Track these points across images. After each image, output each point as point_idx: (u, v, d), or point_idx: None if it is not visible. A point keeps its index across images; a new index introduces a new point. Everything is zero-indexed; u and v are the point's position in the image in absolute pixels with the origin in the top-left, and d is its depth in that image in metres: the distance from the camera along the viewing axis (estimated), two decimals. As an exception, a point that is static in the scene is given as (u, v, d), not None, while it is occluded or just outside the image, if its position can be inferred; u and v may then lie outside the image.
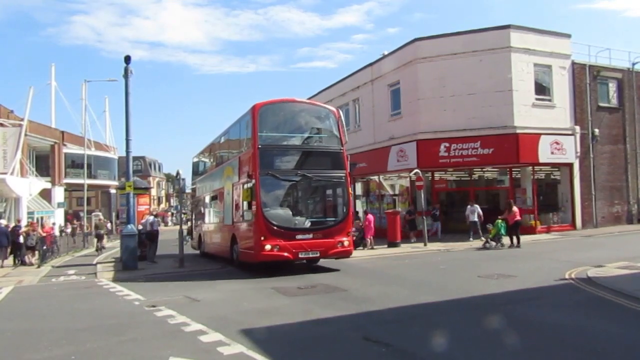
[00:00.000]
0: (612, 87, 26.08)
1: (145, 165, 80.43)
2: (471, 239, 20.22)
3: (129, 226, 16.75)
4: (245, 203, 13.58)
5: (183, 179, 18.24)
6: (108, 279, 14.12)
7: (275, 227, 12.75)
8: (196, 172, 23.79)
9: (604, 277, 10.47)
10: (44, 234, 21.11)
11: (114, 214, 46.01)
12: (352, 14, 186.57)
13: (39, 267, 18.46)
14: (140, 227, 18.91)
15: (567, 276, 10.98)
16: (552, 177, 25.12)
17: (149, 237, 18.59)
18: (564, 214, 24.27)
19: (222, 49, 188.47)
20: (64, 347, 6.81)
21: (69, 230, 32.39)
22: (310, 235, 13.02)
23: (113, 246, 27.81)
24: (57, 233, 25.84)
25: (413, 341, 6.56)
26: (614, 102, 26.03)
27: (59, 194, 37.84)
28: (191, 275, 14.61)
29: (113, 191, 46.17)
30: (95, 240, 25.14)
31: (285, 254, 12.70)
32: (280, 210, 13.41)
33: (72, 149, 40.41)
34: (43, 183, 34.49)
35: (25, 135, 31.15)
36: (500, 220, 18.19)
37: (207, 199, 19.90)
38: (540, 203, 23.40)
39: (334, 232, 13.38)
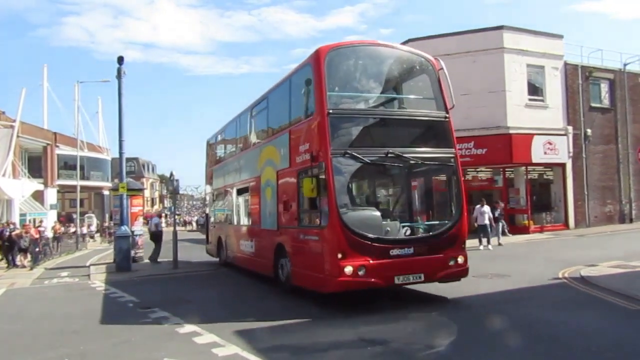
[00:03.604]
0: (604, 87, 26.28)
1: (139, 167, 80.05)
2: (481, 246, 17.46)
3: (123, 228, 16.66)
4: (304, 200, 9.24)
5: (177, 180, 17.85)
6: (101, 280, 14.03)
7: (359, 238, 8.10)
8: (213, 157, 18.27)
9: (597, 277, 10.54)
10: (36, 236, 20.96)
11: (107, 216, 45.74)
12: (345, 15, 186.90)
13: (31, 269, 18.31)
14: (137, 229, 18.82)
15: (560, 275, 11.04)
16: (545, 177, 25.28)
17: (153, 237, 18.57)
18: (557, 214, 24.43)
19: (215, 50, 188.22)
20: (58, 350, 6.77)
21: (72, 230, 32.16)
22: (411, 250, 8.39)
23: (105, 248, 27.68)
24: (49, 234, 25.61)
25: (407, 340, 6.57)
26: (606, 102, 26.22)
27: (51, 196, 37.58)
28: (186, 276, 14.55)
29: (106, 193, 45.90)
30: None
31: (374, 279, 8.10)
32: (366, 211, 9.21)
33: (64, 150, 40.14)
34: (35, 185, 34.23)
35: (18, 136, 30.91)
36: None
37: (232, 193, 14.91)
38: (533, 203, 23.54)
39: (443, 243, 8.73)
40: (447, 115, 9.53)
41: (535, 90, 23.41)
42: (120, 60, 16.72)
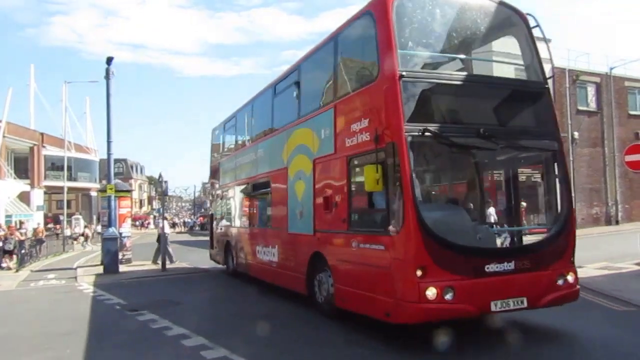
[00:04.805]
0: (591, 90, 26.66)
1: (127, 168, 79.47)
2: None
3: (111, 229, 16.52)
4: (358, 195, 7.32)
5: (165, 182, 17.76)
6: (89, 283, 13.89)
7: (446, 249, 6.01)
8: (220, 149, 15.93)
9: (583, 278, 10.60)
10: (23, 238, 20.73)
11: (94, 217, 45.34)
12: (336, 17, 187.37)
13: (17, 271, 18.10)
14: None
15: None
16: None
17: (159, 240, 18.47)
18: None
19: (205, 51, 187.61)
20: (44, 353, 6.70)
21: (68, 232, 31.92)
22: (511, 265, 6.23)
23: (93, 250, 27.43)
24: (28, 234, 25.27)
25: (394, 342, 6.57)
26: (592, 105, 26.60)
27: (38, 197, 37.18)
28: (174, 279, 14.46)
29: (94, 194, 45.49)
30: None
31: (465, 306, 5.97)
32: (452, 210, 7.35)
33: (51, 150, 39.75)
34: (22, 185, 33.85)
35: (4, 136, 30.58)
36: None
37: (246, 189, 12.65)
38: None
39: (550, 254, 6.61)
40: (546, 86, 7.36)
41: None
42: (109, 60, 16.63)
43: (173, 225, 60.47)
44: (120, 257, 16.86)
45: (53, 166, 40.27)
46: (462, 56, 7.83)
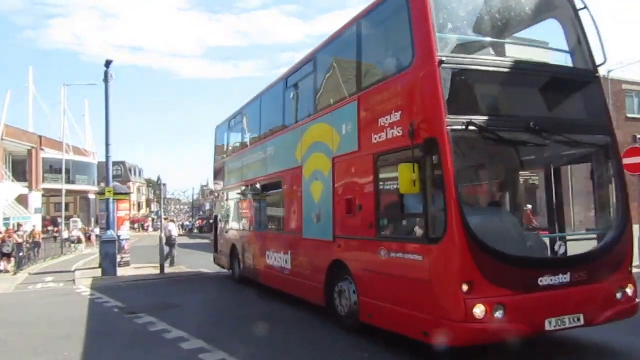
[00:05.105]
0: (589, 94, 26.69)
1: (126, 171, 79.36)
2: None
3: (109, 232, 16.50)
4: (387, 198, 6.61)
5: (164, 185, 17.82)
6: (87, 286, 13.87)
7: (496, 259, 5.29)
8: (225, 147, 15.09)
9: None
10: (21, 241, 20.70)
11: (93, 220, 45.29)
12: (334, 20, 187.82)
13: (15, 274, 18.06)
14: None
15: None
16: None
17: (167, 243, 18.50)
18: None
19: (204, 53, 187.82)
20: (42, 356, 6.68)
21: (68, 235, 31.86)
22: (567, 278, 5.50)
23: (91, 252, 27.38)
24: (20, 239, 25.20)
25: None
26: (590, 108, 26.63)
27: (36, 200, 37.12)
28: (172, 281, 14.45)
29: (92, 197, 45.42)
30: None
31: (518, 325, 5.23)
32: (498, 216, 6.56)
33: (50, 153, 39.70)
34: (20, 188, 33.81)
35: (2, 139, 30.54)
36: None
37: (255, 190, 11.94)
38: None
39: (608, 265, 5.85)
40: (597, 74, 6.55)
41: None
42: (108, 63, 16.67)
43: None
44: (118, 260, 16.83)
45: (51, 169, 40.20)
46: (509, 41, 7.19)
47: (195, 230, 53.65)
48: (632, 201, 6.57)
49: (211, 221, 47.76)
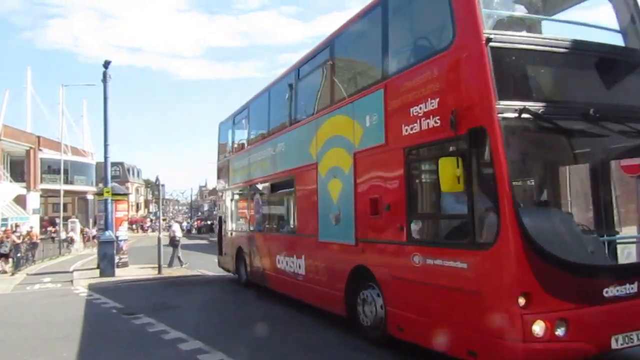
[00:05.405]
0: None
1: (124, 171, 79.21)
2: None
3: (107, 233, 16.49)
4: (418, 196, 5.99)
5: (162, 185, 17.86)
6: (85, 286, 13.86)
7: (556, 267, 4.56)
8: (230, 145, 14.07)
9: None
10: (19, 241, 20.67)
11: (91, 221, 45.23)
12: (333, 20, 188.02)
13: (13, 274, 18.05)
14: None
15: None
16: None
17: (171, 243, 18.56)
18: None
19: (203, 54, 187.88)
20: (40, 357, 6.69)
21: (65, 235, 31.82)
22: (634, 288, 4.84)
23: (89, 253, 27.36)
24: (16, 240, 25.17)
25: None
26: (588, 109, 26.68)
27: (34, 200, 37.04)
28: (170, 282, 14.44)
29: (90, 197, 45.37)
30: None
31: (581, 344, 4.54)
32: (555, 217, 5.74)
33: (48, 154, 39.61)
34: (18, 189, 33.74)
35: (0, 139, 30.48)
36: None
37: (264, 190, 11.28)
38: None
39: None
40: None
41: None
42: (107, 64, 16.71)
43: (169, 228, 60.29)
44: (116, 260, 16.83)
45: (49, 169, 40.09)
46: (561, 19, 6.49)
47: (194, 231, 53.62)
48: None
49: (209, 222, 48.33)
